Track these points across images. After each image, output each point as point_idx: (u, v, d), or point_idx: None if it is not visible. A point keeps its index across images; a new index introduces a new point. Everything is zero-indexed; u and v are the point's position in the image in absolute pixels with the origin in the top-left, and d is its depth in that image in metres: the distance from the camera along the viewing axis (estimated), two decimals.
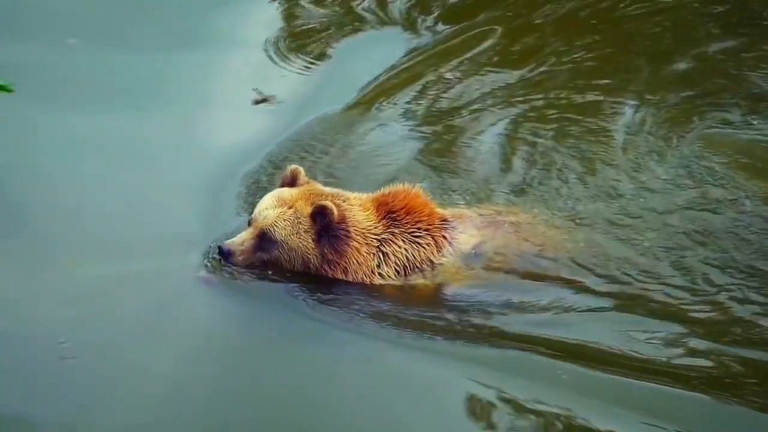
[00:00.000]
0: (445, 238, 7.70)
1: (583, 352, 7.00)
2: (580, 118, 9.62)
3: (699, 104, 9.74)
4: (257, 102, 9.83)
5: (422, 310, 7.38)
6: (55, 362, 6.75)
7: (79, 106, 9.21)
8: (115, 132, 9.03)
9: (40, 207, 8.12)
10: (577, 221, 8.13)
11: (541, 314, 7.37)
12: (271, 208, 7.41)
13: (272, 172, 8.63)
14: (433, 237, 7.67)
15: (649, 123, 9.45)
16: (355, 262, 7.48)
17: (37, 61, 9.73)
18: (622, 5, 11.40)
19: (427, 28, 11.42)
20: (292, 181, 7.61)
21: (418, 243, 7.63)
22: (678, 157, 8.96)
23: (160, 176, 8.61)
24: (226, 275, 7.48)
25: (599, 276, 7.66)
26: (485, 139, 9.40)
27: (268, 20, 11.03)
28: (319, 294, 7.44)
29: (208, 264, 7.55)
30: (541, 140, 9.28)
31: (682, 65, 10.47)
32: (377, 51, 10.86)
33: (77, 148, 8.81)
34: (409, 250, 7.60)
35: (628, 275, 7.68)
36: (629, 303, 7.44)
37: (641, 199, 8.41)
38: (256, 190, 8.38)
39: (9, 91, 5.56)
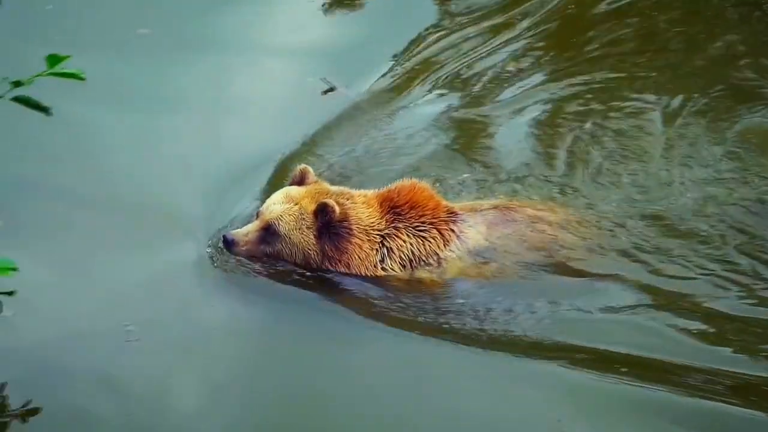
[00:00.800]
0: (453, 231, 7.77)
1: (599, 356, 6.98)
2: (620, 109, 9.52)
3: (744, 94, 9.59)
4: (326, 92, 10.02)
5: (431, 308, 7.47)
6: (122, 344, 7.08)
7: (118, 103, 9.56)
8: (148, 130, 9.34)
9: (95, 202, 8.47)
10: (613, 215, 8.10)
11: (552, 317, 7.36)
12: (278, 203, 7.68)
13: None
14: (439, 230, 7.76)
15: (693, 114, 9.33)
16: (357, 258, 7.67)
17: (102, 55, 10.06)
18: None
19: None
20: (300, 180, 7.86)
21: (423, 237, 7.74)
22: (722, 147, 8.86)
23: (195, 174, 8.84)
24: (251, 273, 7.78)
25: (627, 274, 7.61)
26: (518, 128, 9.42)
27: (290, 21, 11.13)
28: (334, 291, 7.64)
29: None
30: (579, 131, 9.24)
31: (725, 53, 10.28)
32: (402, 36, 10.95)
33: (121, 144, 9.17)
34: (414, 244, 7.72)
35: (663, 272, 7.62)
36: (660, 305, 7.36)
37: (687, 194, 8.33)
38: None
39: (80, 78, 5.51)
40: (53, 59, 5.54)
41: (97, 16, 10.67)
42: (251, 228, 7.75)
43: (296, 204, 7.70)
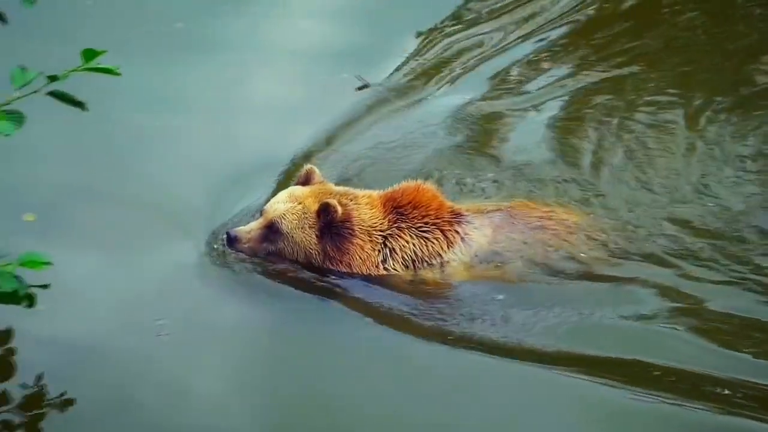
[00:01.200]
0: (457, 233, 7.80)
1: (610, 366, 6.95)
2: (643, 107, 9.49)
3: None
4: (359, 88, 10.08)
5: (435, 309, 7.48)
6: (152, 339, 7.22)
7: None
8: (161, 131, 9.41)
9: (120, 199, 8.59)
10: (632, 217, 8.06)
11: (558, 321, 7.34)
12: (282, 202, 7.76)
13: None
14: (442, 231, 7.78)
15: (717, 113, 9.25)
16: (358, 258, 7.71)
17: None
18: None
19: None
20: (306, 180, 7.93)
21: (426, 237, 7.76)
22: (747, 148, 8.80)
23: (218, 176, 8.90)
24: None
25: (647, 278, 7.58)
26: (540, 125, 9.41)
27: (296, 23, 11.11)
28: (338, 290, 7.70)
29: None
30: (602, 130, 9.21)
31: (748, 53, 10.16)
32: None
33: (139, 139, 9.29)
34: (417, 245, 7.75)
35: (682, 276, 7.59)
36: (677, 309, 7.31)
37: (711, 195, 8.27)
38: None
39: (116, 74, 5.54)
40: (89, 54, 5.53)
41: (108, 16, 10.77)
42: (254, 225, 7.83)
43: (300, 203, 7.77)
